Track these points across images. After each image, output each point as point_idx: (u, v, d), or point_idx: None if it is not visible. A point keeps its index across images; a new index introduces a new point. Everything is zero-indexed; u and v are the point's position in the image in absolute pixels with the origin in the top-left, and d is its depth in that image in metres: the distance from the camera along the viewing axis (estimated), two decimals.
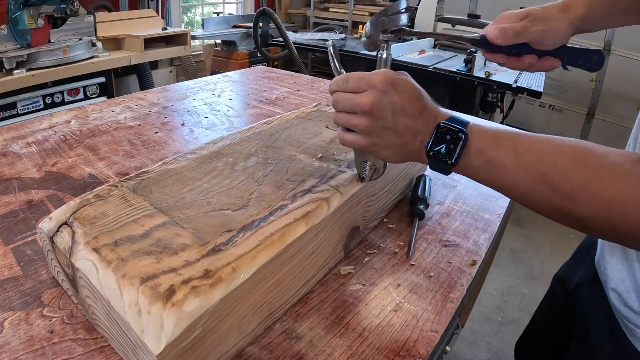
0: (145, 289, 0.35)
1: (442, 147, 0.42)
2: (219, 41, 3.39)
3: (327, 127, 0.68)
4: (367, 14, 3.59)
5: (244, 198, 0.48)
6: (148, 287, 0.35)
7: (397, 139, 0.44)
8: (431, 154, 0.43)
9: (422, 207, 0.66)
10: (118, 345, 0.39)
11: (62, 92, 2.25)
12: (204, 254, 0.39)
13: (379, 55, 0.52)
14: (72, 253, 0.40)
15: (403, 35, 0.52)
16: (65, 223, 0.43)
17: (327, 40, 2.78)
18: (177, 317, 0.33)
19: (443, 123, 0.42)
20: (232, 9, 4.16)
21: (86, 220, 0.43)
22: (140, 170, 0.54)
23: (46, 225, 0.44)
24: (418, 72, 2.19)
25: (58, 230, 0.43)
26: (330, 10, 3.90)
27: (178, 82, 1.93)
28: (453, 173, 0.44)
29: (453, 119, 0.43)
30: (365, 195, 0.56)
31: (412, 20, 2.88)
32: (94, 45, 2.37)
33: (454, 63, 2.32)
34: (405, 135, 0.44)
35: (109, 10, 2.72)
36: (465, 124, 0.42)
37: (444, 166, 0.43)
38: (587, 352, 0.58)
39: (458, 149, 0.41)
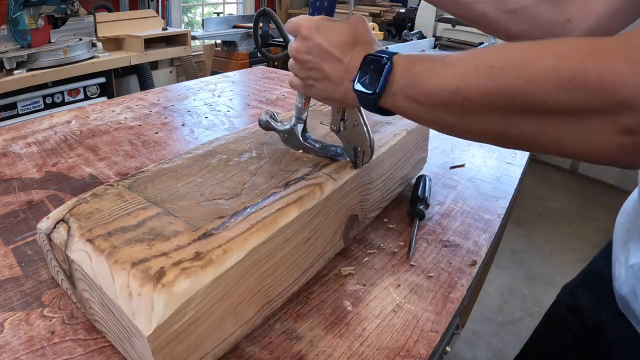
0: (135, 271, 0.35)
1: (366, 78, 0.40)
2: (219, 41, 3.39)
3: (321, 124, 0.69)
4: (367, 14, 3.59)
5: (236, 188, 0.49)
6: (139, 269, 0.35)
7: (324, 81, 0.45)
8: (357, 88, 0.41)
9: (421, 207, 0.66)
10: (115, 338, 0.39)
11: (62, 92, 2.25)
12: (195, 238, 0.40)
13: None
14: (67, 246, 0.41)
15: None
16: (62, 220, 0.44)
17: None
18: (167, 297, 0.33)
19: (368, 55, 0.40)
20: (232, 9, 4.16)
21: (81, 215, 0.44)
22: (137, 171, 0.54)
23: (44, 224, 0.45)
24: None
25: (55, 227, 0.43)
26: None
27: (178, 82, 1.93)
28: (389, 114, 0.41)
29: (381, 50, 0.40)
30: (360, 183, 0.57)
31: (412, 20, 2.88)
32: (94, 45, 2.37)
33: None
34: (331, 77, 0.44)
35: (109, 10, 2.72)
36: (393, 53, 0.39)
37: (369, 97, 0.40)
38: None
39: (382, 77, 0.38)
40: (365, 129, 0.50)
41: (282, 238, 0.44)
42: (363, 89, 0.40)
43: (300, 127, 0.56)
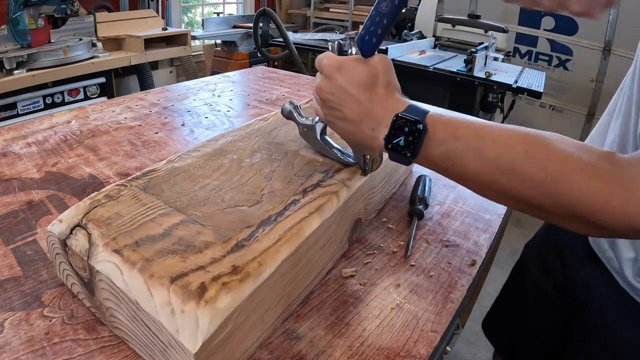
0: (175, 287, 0.35)
1: (401, 139, 0.41)
2: (219, 41, 3.39)
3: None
4: (367, 14, 3.59)
5: (256, 194, 0.49)
6: (178, 285, 0.35)
7: (345, 122, 0.46)
8: (390, 146, 0.42)
9: (420, 206, 0.66)
10: (141, 346, 0.39)
11: (62, 92, 2.25)
12: (228, 250, 0.40)
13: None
14: (90, 255, 0.40)
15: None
16: (78, 225, 0.43)
17: (327, 41, 2.77)
18: (211, 313, 0.34)
19: (400, 114, 0.41)
20: (232, 9, 4.16)
21: (100, 221, 0.43)
22: (147, 169, 0.54)
23: (56, 227, 0.43)
24: (418, 72, 2.19)
25: (71, 233, 0.42)
26: (330, 10, 3.90)
27: (178, 82, 1.93)
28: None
29: (411, 109, 0.41)
30: (367, 188, 0.58)
31: (412, 20, 2.88)
32: (94, 45, 2.37)
33: (454, 63, 2.32)
34: (353, 120, 0.45)
35: (109, 10, 2.72)
36: (424, 113, 0.41)
37: (403, 158, 0.42)
38: (601, 331, 0.59)
39: (417, 141, 0.40)
40: None
41: (306, 246, 0.45)
42: (399, 150, 0.41)
43: (320, 126, 0.56)
